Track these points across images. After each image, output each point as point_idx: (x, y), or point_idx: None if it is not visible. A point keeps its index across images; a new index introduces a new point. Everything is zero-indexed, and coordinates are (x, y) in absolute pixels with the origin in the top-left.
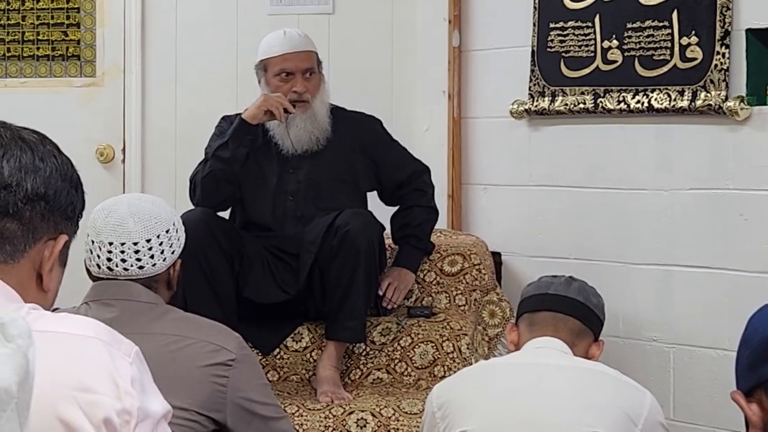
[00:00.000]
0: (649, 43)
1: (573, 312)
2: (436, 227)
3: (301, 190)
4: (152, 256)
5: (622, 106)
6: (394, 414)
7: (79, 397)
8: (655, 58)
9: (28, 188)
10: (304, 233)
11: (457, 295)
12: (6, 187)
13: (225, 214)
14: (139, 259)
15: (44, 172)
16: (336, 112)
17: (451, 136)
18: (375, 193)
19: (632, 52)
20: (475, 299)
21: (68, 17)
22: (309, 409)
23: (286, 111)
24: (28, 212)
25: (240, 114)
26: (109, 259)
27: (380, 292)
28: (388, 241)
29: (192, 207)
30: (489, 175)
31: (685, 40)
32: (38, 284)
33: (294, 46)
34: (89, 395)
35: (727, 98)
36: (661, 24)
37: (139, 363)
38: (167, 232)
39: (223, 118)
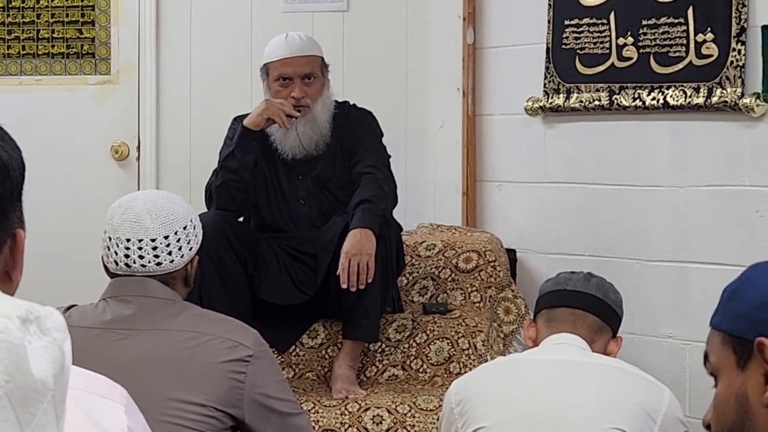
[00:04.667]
0: (665, 39)
1: (591, 308)
2: (451, 224)
3: (310, 194)
4: (170, 253)
5: (638, 103)
6: (409, 411)
7: None
8: (670, 54)
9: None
10: (321, 233)
11: (472, 291)
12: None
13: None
14: (156, 256)
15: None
16: (340, 111)
17: (465, 133)
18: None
19: (647, 49)
20: (491, 296)
21: (83, 15)
22: (325, 406)
23: (289, 116)
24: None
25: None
26: (126, 256)
27: (341, 277)
28: (406, 239)
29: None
30: (503, 171)
31: (700, 37)
32: (6, 281)
33: (293, 51)
34: None
35: (743, 95)
36: (676, 21)
37: (132, 408)
38: (185, 228)
39: (235, 119)
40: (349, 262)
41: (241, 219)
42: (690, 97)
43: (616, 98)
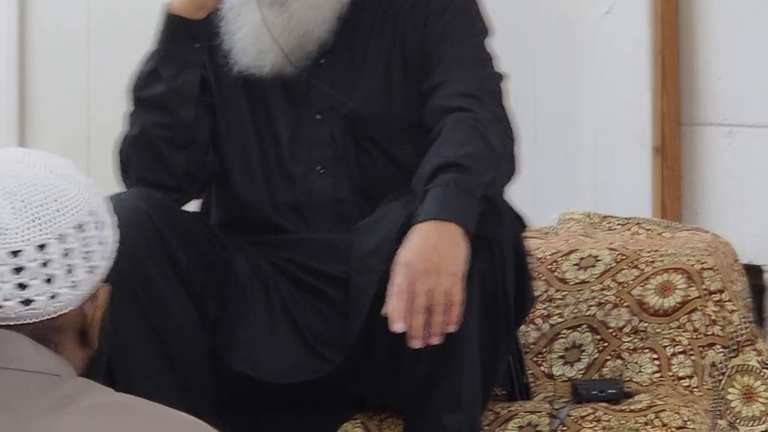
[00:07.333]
0: None
1: None
2: (629, 216)
3: (339, 154)
4: (48, 280)
5: None
6: None
7: None
8: None
9: None
10: (359, 235)
11: (674, 355)
12: None
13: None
14: (23, 286)
15: None
16: None
17: (659, 26)
18: None
19: None
20: (714, 363)
21: None
22: None
23: None
24: None
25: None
26: None
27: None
28: (536, 246)
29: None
30: (741, 105)
31: None
32: None
33: None
34: None
35: None
36: None
37: None
38: (79, 227)
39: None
40: (412, 287)
41: (188, 206)
42: None
43: None
